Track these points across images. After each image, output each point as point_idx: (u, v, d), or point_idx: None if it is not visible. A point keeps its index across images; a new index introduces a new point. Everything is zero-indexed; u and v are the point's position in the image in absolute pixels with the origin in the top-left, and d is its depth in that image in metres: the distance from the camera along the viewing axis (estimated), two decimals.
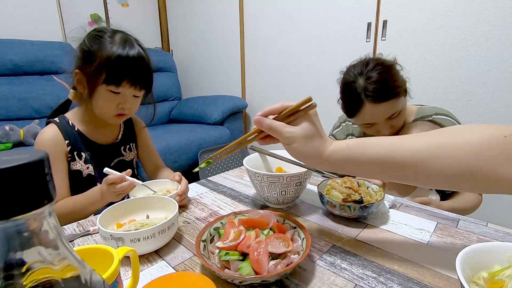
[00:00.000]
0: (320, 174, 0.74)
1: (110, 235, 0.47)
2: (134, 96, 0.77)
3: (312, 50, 1.92)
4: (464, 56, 1.37)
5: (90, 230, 0.58)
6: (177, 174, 0.74)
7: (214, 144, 2.14)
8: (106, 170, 0.65)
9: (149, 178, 0.92)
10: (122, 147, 0.88)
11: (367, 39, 1.65)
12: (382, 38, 1.59)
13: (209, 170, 2.04)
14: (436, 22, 1.41)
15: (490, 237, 0.54)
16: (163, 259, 0.50)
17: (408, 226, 0.58)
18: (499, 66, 1.29)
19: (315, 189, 0.67)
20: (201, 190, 0.79)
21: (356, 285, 0.43)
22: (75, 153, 0.78)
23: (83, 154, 0.79)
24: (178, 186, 0.70)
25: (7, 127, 1.69)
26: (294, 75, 2.06)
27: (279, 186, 0.62)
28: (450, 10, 1.36)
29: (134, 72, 0.73)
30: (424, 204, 0.70)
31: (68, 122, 0.79)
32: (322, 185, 0.66)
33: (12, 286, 0.15)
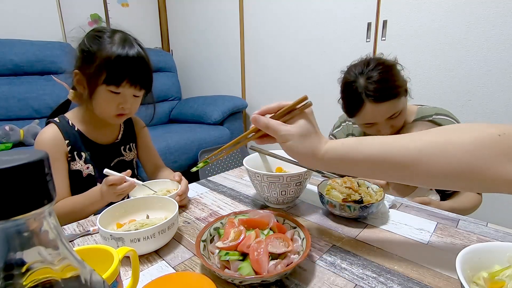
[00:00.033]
0: (320, 174, 0.74)
1: (110, 235, 0.47)
2: (134, 96, 0.77)
3: (312, 50, 1.92)
4: (464, 56, 1.37)
5: (90, 230, 0.58)
6: (177, 174, 0.74)
7: (214, 144, 2.14)
8: (106, 171, 0.65)
9: (149, 178, 0.92)
10: (122, 147, 0.88)
11: (367, 39, 1.65)
12: (382, 38, 1.59)
13: (209, 170, 2.04)
14: (436, 22, 1.41)
15: (490, 237, 0.54)
16: (163, 259, 0.50)
17: (408, 226, 0.58)
18: (499, 66, 1.29)
19: (315, 189, 0.67)
20: (201, 190, 0.79)
21: (356, 285, 0.43)
22: (75, 153, 0.78)
23: (83, 154, 0.79)
24: (178, 186, 0.70)
25: (7, 127, 1.69)
26: (294, 75, 2.06)
27: (279, 186, 0.62)
28: (450, 10, 1.36)
29: (134, 72, 0.73)
30: (424, 204, 0.70)
31: (68, 122, 0.79)
32: (322, 185, 0.66)
33: (12, 286, 0.15)
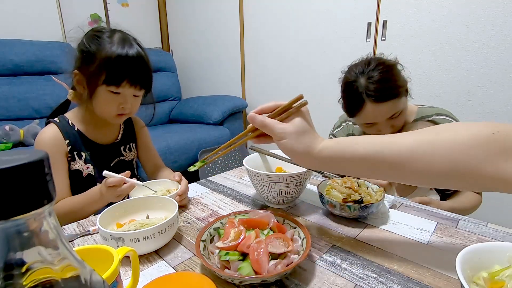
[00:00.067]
0: (320, 174, 0.74)
1: (110, 235, 0.47)
2: (134, 95, 0.77)
3: (312, 50, 1.92)
4: (464, 56, 1.37)
5: (90, 230, 0.58)
6: (177, 174, 0.74)
7: (214, 144, 2.14)
8: (105, 173, 0.65)
9: (149, 178, 0.92)
10: (122, 147, 0.88)
11: (367, 39, 1.65)
12: (382, 38, 1.59)
13: (209, 170, 2.04)
14: (436, 22, 1.41)
15: (490, 237, 0.54)
16: (163, 259, 0.50)
17: (408, 226, 0.58)
18: (499, 66, 1.29)
19: (315, 189, 0.67)
20: (201, 190, 0.79)
21: (356, 285, 0.43)
22: (75, 153, 0.78)
23: (83, 154, 0.79)
24: (178, 186, 0.70)
25: (7, 127, 1.69)
26: (294, 75, 2.06)
27: (279, 186, 0.62)
28: (450, 10, 1.36)
29: (134, 71, 0.73)
30: (424, 204, 0.70)
31: (68, 122, 0.79)
32: (322, 185, 0.66)
33: (12, 286, 0.15)
